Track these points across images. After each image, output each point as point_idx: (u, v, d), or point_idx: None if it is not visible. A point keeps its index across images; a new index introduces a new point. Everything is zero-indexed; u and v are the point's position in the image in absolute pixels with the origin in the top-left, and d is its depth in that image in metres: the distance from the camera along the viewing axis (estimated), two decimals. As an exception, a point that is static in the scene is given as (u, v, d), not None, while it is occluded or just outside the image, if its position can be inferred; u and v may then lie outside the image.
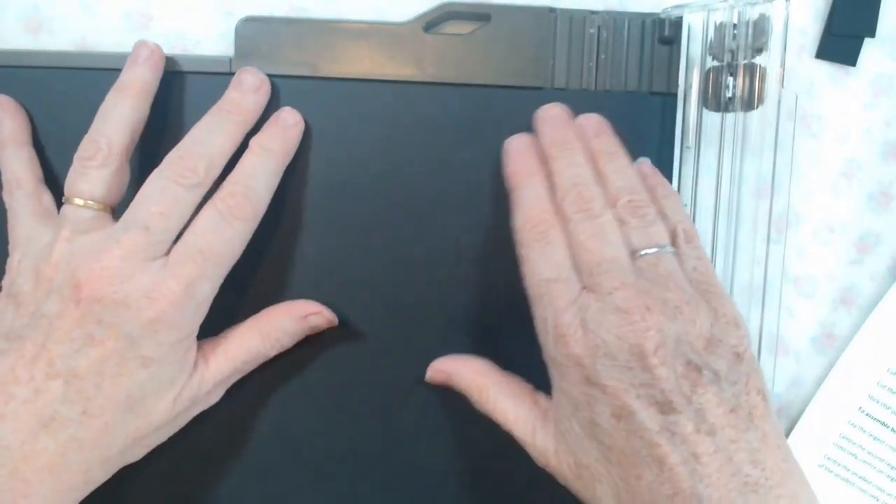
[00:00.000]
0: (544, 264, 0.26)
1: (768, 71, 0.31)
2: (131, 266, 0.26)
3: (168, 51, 0.32)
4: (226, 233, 0.28)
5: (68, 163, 0.31)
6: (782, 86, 0.32)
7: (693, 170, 0.33)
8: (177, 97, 0.31)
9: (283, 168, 0.30)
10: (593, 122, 0.29)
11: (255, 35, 0.31)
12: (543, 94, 0.31)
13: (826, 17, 0.32)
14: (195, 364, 0.29)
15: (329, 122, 0.31)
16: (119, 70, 0.30)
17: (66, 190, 0.28)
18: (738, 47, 0.31)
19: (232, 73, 0.31)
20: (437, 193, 0.31)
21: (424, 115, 0.30)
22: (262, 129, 0.30)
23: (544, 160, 0.29)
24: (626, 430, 0.24)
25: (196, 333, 0.28)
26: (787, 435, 0.34)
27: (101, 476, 0.28)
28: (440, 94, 0.31)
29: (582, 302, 0.25)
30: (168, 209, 0.27)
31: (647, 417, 0.24)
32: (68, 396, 0.26)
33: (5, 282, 0.28)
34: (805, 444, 0.34)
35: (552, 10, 0.31)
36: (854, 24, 0.32)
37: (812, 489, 0.25)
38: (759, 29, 0.31)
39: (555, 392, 0.27)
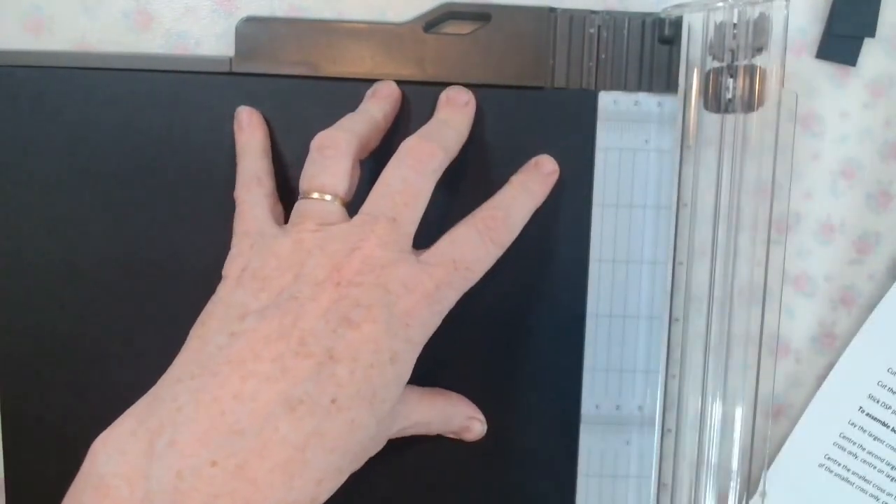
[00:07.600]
0: None
1: (768, 71, 0.31)
2: (389, 255, 0.26)
3: (168, 51, 0.32)
4: (479, 251, 0.28)
5: (69, 164, 0.31)
6: (782, 86, 0.32)
7: (693, 170, 0.33)
8: (177, 97, 0.31)
9: (534, 210, 0.30)
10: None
11: (255, 35, 0.31)
12: (543, 94, 0.31)
13: (826, 17, 0.32)
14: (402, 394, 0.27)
15: (329, 123, 0.31)
16: (119, 70, 0.30)
17: (305, 184, 0.28)
18: (738, 47, 0.31)
19: (232, 74, 0.31)
20: (437, 192, 0.31)
21: (424, 115, 0.30)
22: (522, 170, 0.31)
23: None
24: None
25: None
26: (787, 435, 0.34)
27: (324, 494, 0.24)
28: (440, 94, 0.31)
29: None
30: (412, 200, 0.27)
31: None
32: (320, 379, 0.24)
33: (234, 267, 0.27)
34: (805, 444, 0.34)
35: (552, 9, 0.31)
36: (854, 24, 0.32)
37: None
38: (760, 28, 0.31)
39: None
